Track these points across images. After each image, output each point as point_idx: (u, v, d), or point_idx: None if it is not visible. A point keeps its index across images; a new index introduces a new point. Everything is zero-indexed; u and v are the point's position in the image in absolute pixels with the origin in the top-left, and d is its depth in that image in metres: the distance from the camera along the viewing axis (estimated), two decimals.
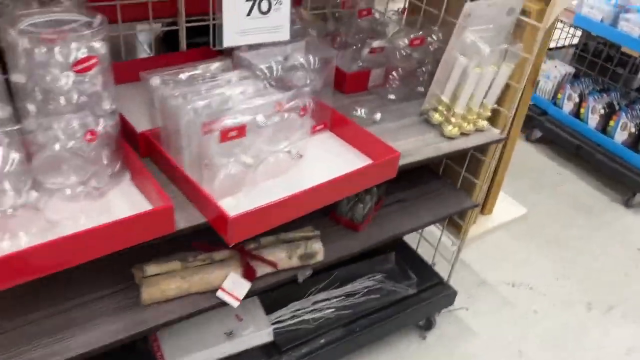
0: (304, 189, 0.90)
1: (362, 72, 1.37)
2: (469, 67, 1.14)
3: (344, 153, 1.12)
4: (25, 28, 0.79)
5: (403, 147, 1.17)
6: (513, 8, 1.15)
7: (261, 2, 1.02)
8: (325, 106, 1.16)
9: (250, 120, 0.85)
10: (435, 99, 1.25)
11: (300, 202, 0.91)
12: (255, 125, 0.87)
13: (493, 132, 1.29)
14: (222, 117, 0.84)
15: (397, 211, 1.37)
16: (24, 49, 0.78)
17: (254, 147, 0.91)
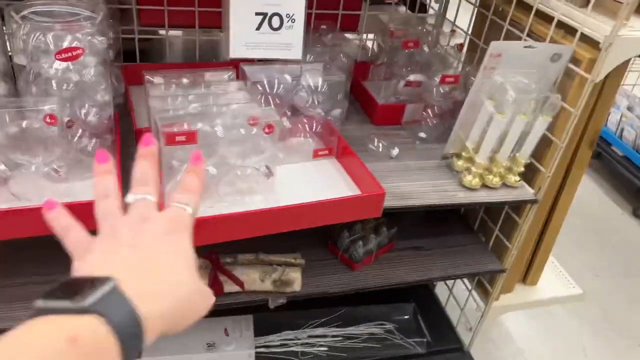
0: (249, 210, 0.86)
1: (395, 105, 1.29)
2: (494, 113, 1.01)
3: (338, 183, 1.05)
4: (26, 14, 0.86)
5: (408, 189, 1.08)
6: (559, 54, 1.01)
7: (272, 18, 1.01)
8: (333, 131, 1.11)
9: (207, 129, 0.84)
10: (460, 143, 1.13)
11: (247, 223, 0.87)
12: (215, 135, 0.85)
13: (524, 191, 1.13)
14: (181, 122, 0.83)
15: (407, 258, 1.26)
16: (24, 34, 0.85)
17: (220, 158, 0.89)
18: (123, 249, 0.48)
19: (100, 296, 0.39)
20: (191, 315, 0.48)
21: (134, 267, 0.46)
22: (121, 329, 0.38)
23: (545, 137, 1.09)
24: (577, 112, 1.02)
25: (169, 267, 0.47)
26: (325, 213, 0.94)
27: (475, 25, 1.35)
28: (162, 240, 0.49)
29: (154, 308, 0.42)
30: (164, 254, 0.48)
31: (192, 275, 0.49)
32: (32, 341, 0.36)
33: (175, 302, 0.45)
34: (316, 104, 1.09)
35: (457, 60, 1.39)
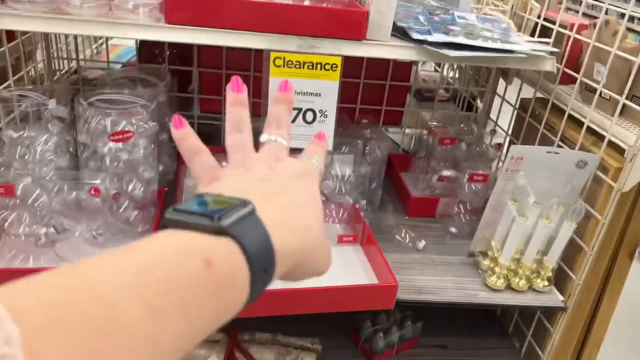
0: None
1: (429, 197, 1.31)
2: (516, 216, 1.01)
3: (358, 271, 1.08)
4: (93, 101, 1.01)
5: (427, 283, 1.07)
6: (584, 161, 1.00)
7: (306, 112, 1.10)
8: (359, 219, 1.15)
9: None
10: (486, 242, 1.12)
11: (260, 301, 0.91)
12: None
13: (553, 297, 1.08)
14: None
15: (431, 356, 1.22)
16: (87, 117, 1.00)
17: None
18: (256, 180, 0.44)
19: (238, 218, 0.35)
20: (312, 266, 0.44)
21: (268, 198, 0.41)
22: (255, 258, 0.35)
23: (576, 244, 1.06)
24: (604, 220, 0.99)
25: (301, 207, 0.44)
26: (336, 299, 0.96)
27: (515, 126, 1.38)
28: (296, 180, 0.46)
29: (287, 242, 0.39)
30: (297, 192, 0.45)
31: (321, 224, 0.45)
32: (165, 256, 0.31)
33: (304, 244, 0.42)
34: (344, 193, 1.14)
35: (497, 158, 1.40)
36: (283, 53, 1.01)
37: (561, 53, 1.14)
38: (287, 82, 0.56)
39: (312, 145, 0.55)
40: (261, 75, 1.17)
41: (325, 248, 0.46)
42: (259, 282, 0.35)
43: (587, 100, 1.11)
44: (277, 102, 0.55)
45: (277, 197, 0.43)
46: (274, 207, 0.41)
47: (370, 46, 0.99)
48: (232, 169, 0.47)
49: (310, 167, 0.50)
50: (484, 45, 1.00)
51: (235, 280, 0.34)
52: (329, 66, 1.03)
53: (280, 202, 0.42)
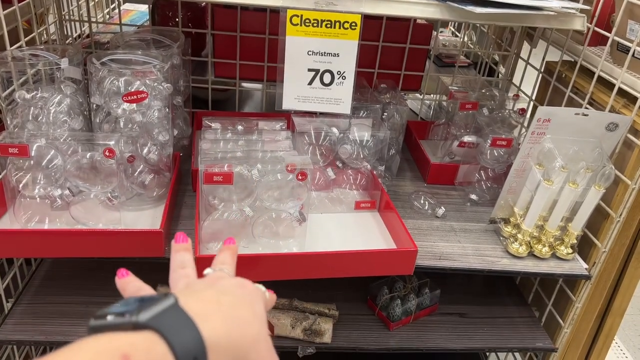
0: (280, 253, 0.89)
1: (448, 164, 1.28)
2: (542, 180, 0.98)
3: (376, 236, 1.05)
4: (106, 61, 0.99)
5: (447, 250, 1.05)
6: (615, 123, 0.96)
7: (324, 74, 1.06)
8: (377, 185, 1.12)
9: (245, 172, 0.89)
10: (508, 209, 1.09)
11: (277, 265, 0.89)
12: (251, 178, 0.90)
13: (576, 265, 1.05)
14: (222, 164, 0.89)
15: (449, 324, 1.20)
16: (100, 77, 0.98)
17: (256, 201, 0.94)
18: (196, 287, 0.47)
19: (158, 312, 0.36)
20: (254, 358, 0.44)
21: (203, 295, 0.43)
22: (181, 348, 0.35)
23: (602, 210, 1.02)
24: (635, 185, 0.95)
25: (240, 303, 0.44)
26: (354, 264, 0.94)
27: (539, 90, 1.33)
28: (238, 288, 0.47)
29: (221, 331, 0.39)
30: (237, 294, 0.46)
31: (261, 323, 0.46)
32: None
33: (243, 339, 0.41)
34: (362, 158, 1.11)
35: (520, 124, 1.36)
36: (300, 10, 0.97)
37: (592, 11, 1.09)
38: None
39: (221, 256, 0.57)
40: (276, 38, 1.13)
41: (270, 350, 0.46)
42: None
43: (618, 61, 1.06)
44: (223, 250, 0.59)
45: (214, 293, 0.44)
46: (206, 300, 0.42)
47: (392, 3, 0.95)
48: (180, 289, 0.50)
49: (258, 291, 0.50)
50: (511, 1, 0.95)
51: None
52: (347, 24, 1.00)
53: (215, 296, 0.43)
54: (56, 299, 1.13)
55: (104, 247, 0.90)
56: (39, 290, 1.15)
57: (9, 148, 0.87)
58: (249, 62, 1.35)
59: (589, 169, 0.96)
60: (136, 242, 0.91)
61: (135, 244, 0.91)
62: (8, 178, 0.94)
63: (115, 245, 0.91)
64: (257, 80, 1.41)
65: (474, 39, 1.76)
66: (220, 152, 0.98)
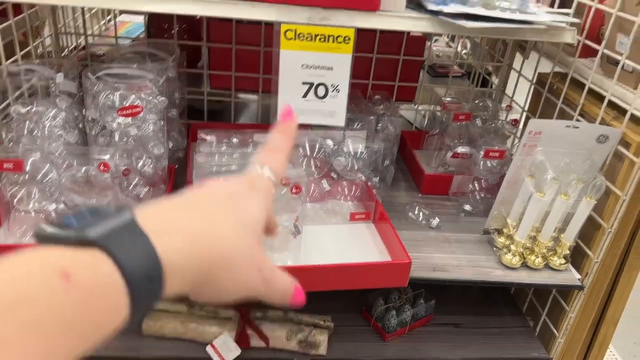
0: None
1: (442, 175, 1.29)
2: (534, 192, 0.99)
3: (370, 248, 1.06)
4: (101, 75, 0.99)
5: (441, 261, 1.06)
6: (605, 135, 0.97)
7: (318, 87, 1.07)
8: (372, 196, 1.13)
9: None
10: (501, 219, 1.10)
11: None
12: None
13: (569, 276, 1.06)
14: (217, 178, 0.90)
15: (444, 335, 1.21)
16: (96, 91, 0.98)
17: None
18: (173, 199, 0.40)
19: (110, 228, 0.33)
20: (230, 282, 0.40)
21: (169, 212, 0.38)
22: (131, 267, 0.32)
23: (594, 221, 1.03)
24: (625, 196, 0.96)
25: (215, 218, 0.39)
26: (349, 277, 0.95)
27: (531, 101, 1.34)
28: (218, 197, 0.42)
29: (184, 251, 0.35)
30: (215, 205, 0.41)
31: (242, 236, 0.40)
32: (22, 272, 0.30)
33: (209, 255, 0.37)
34: (356, 169, 1.12)
35: (513, 135, 1.37)
36: (294, 25, 0.98)
37: (582, 24, 1.10)
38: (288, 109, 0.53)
39: (272, 136, 0.50)
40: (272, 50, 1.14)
41: (250, 263, 0.41)
42: (143, 292, 0.33)
43: (608, 74, 1.07)
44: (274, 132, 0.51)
45: (182, 210, 0.39)
46: (172, 217, 0.38)
47: (384, 17, 0.96)
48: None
49: (253, 179, 0.45)
50: (501, 16, 0.96)
51: (105, 291, 0.31)
52: (341, 38, 1.00)
53: (183, 213, 0.39)
54: None
55: None
56: None
57: (4, 163, 0.88)
58: (245, 74, 1.36)
59: (580, 180, 0.97)
60: None
61: None
62: (2, 192, 0.94)
63: None
64: (252, 91, 1.42)
65: (468, 47, 1.77)
66: (215, 166, 0.99)
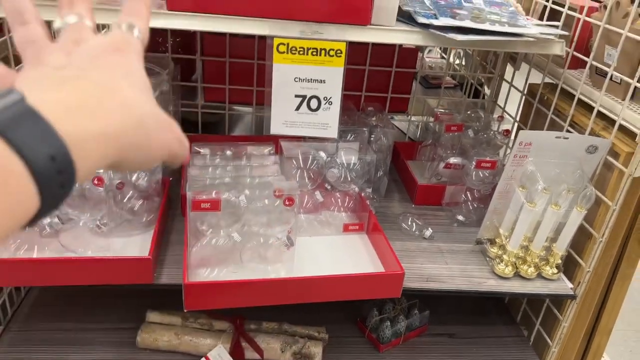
0: (268, 278, 0.90)
1: (435, 185, 1.29)
2: (525, 202, 1.00)
3: (364, 259, 1.06)
4: None
5: (434, 271, 1.06)
6: (595, 146, 0.98)
7: (310, 100, 1.08)
8: (365, 207, 1.14)
9: (232, 198, 0.90)
10: (494, 230, 1.11)
11: (265, 290, 0.90)
12: (240, 204, 0.91)
13: (562, 285, 1.07)
14: (210, 191, 0.90)
15: (439, 345, 1.21)
16: None
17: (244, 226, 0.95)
18: (50, 72, 0.37)
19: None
20: (147, 144, 0.38)
21: (60, 86, 0.35)
22: (28, 147, 0.29)
23: (585, 230, 1.04)
24: (615, 206, 0.97)
25: (111, 85, 0.37)
26: (342, 288, 0.95)
27: (523, 112, 1.35)
28: (102, 58, 0.39)
29: (89, 127, 0.33)
30: (104, 70, 0.38)
31: (144, 98, 0.39)
32: None
33: (124, 124, 0.36)
34: (349, 181, 1.13)
35: (505, 145, 1.38)
36: (286, 39, 0.99)
37: (570, 36, 1.12)
38: None
39: (127, 12, 0.44)
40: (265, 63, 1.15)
41: (158, 123, 0.39)
42: (49, 174, 0.30)
43: (597, 85, 1.08)
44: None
45: (74, 82, 0.36)
46: (66, 92, 0.34)
47: (375, 31, 0.97)
48: (25, 70, 0.39)
49: (124, 39, 0.42)
50: (491, 28, 0.98)
51: (4, 174, 0.29)
52: (333, 52, 1.02)
53: (77, 85, 0.35)
54: (45, 325, 1.12)
55: (93, 274, 0.91)
56: (28, 317, 1.15)
57: None
58: (239, 87, 1.38)
59: (570, 190, 0.98)
60: (125, 269, 0.91)
61: (124, 271, 0.91)
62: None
63: (105, 273, 0.91)
64: (246, 104, 1.43)
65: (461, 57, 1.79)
66: (209, 178, 1.00)
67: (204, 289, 0.88)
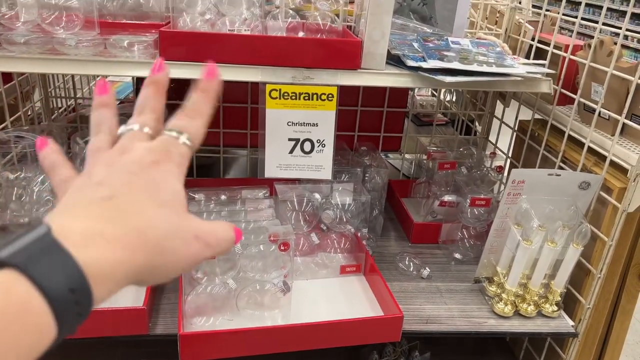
0: (264, 326, 0.88)
1: (431, 223, 1.29)
2: (521, 240, 0.99)
3: (362, 302, 1.05)
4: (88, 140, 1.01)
5: (434, 312, 1.05)
6: (587, 182, 0.99)
7: (304, 143, 1.09)
8: (362, 248, 1.13)
9: None
10: (491, 268, 1.10)
11: (262, 339, 0.89)
12: (234, 251, 0.91)
13: (563, 323, 1.05)
14: None
15: None
16: (83, 156, 1.00)
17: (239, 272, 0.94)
18: (90, 187, 0.39)
19: (23, 245, 0.31)
20: (163, 264, 0.39)
21: (88, 208, 0.37)
22: (49, 282, 0.31)
23: (583, 267, 1.04)
24: (611, 242, 0.97)
25: (134, 205, 0.38)
26: (340, 334, 0.94)
27: (514, 148, 1.37)
28: (136, 175, 0.40)
29: (107, 256, 0.34)
30: (133, 190, 0.39)
31: (166, 215, 0.39)
32: None
33: (138, 249, 0.37)
34: (345, 222, 1.13)
35: (498, 181, 1.39)
36: (279, 85, 1.01)
37: (557, 74, 1.14)
38: (160, 62, 0.47)
39: (193, 97, 0.46)
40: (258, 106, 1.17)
41: (181, 239, 0.40)
42: (67, 306, 0.31)
43: (586, 121, 1.10)
44: (145, 85, 0.47)
45: (101, 204, 0.37)
46: (91, 217, 0.36)
47: (365, 75, 0.99)
48: (78, 178, 0.42)
49: (168, 148, 0.42)
50: (479, 69, 1.00)
51: (21, 310, 0.30)
52: (325, 96, 1.03)
53: (104, 208, 0.37)
54: None
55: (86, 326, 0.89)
56: None
57: None
58: (233, 130, 1.39)
59: (566, 227, 0.98)
60: (119, 321, 0.90)
61: (119, 323, 0.90)
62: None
63: (98, 324, 0.89)
64: (241, 146, 1.44)
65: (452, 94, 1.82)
66: None
67: (199, 339, 0.86)
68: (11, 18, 0.89)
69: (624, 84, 0.98)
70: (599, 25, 1.03)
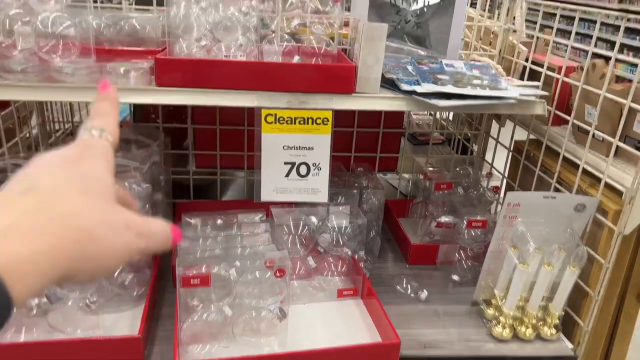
0: (261, 354, 0.88)
1: (429, 245, 1.29)
2: (517, 263, 0.99)
3: (359, 327, 1.05)
4: None
5: (432, 337, 1.04)
6: (582, 204, 0.99)
7: (300, 166, 1.09)
8: (359, 271, 1.13)
9: (222, 272, 0.89)
10: (489, 290, 1.10)
11: None
12: (229, 278, 0.90)
13: (561, 346, 1.04)
14: (200, 265, 0.90)
15: None
16: None
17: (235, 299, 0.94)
18: (8, 188, 0.39)
19: None
20: (96, 252, 0.38)
21: (7, 206, 0.37)
22: None
23: (581, 289, 1.03)
24: (608, 264, 0.97)
25: (56, 195, 0.38)
26: None
27: (510, 168, 1.37)
28: (61, 167, 0.40)
29: (18, 250, 0.34)
30: (56, 179, 0.39)
31: (92, 204, 0.39)
32: None
33: (56, 238, 0.36)
34: (341, 245, 1.12)
35: (495, 202, 1.39)
36: (274, 110, 1.01)
37: (551, 95, 1.15)
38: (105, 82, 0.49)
39: (97, 103, 0.47)
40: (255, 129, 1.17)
41: (111, 230, 0.39)
42: None
43: (580, 141, 1.10)
44: (98, 101, 0.48)
45: (22, 196, 0.37)
46: (7, 212, 0.36)
47: (359, 99, 1.00)
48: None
49: (88, 145, 0.43)
50: (472, 93, 1.00)
51: None
52: (320, 120, 1.04)
53: (21, 201, 0.37)
54: None
55: (82, 356, 0.89)
56: None
57: None
58: (229, 152, 1.39)
59: (562, 249, 0.98)
60: (115, 350, 0.89)
61: (114, 352, 0.89)
62: None
63: (94, 354, 0.89)
64: (238, 168, 1.44)
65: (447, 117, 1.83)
66: (200, 251, 0.99)
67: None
68: (8, 46, 0.90)
69: (617, 106, 0.99)
70: (591, 48, 1.04)
